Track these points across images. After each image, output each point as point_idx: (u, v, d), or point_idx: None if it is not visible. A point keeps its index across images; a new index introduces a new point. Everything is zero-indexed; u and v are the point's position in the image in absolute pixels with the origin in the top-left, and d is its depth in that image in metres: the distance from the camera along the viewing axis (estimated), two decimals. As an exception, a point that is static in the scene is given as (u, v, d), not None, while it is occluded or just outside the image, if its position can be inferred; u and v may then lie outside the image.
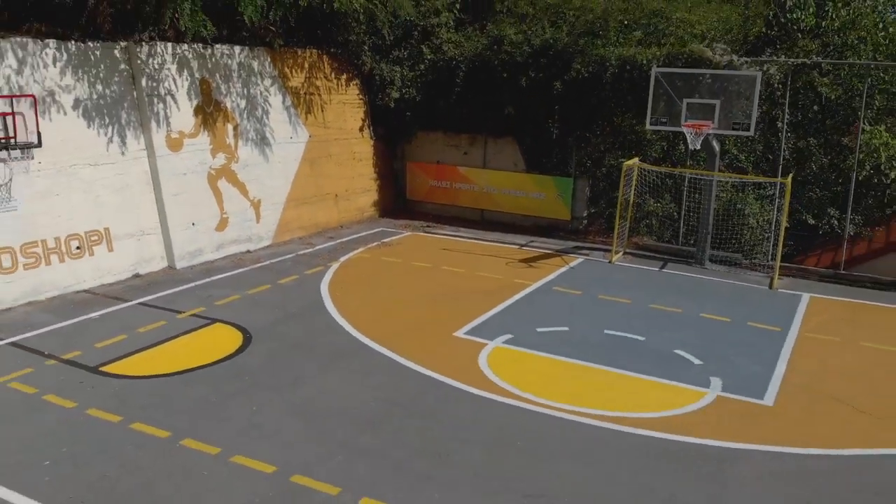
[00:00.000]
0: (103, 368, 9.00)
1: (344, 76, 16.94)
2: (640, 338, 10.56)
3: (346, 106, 17.12)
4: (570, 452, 7.37)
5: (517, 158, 17.37)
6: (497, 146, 17.54)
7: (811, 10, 15.90)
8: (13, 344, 9.69)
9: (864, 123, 15.04)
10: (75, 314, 10.80)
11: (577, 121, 16.20)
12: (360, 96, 17.49)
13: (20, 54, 11.09)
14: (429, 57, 17.11)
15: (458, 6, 17.45)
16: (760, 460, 7.36)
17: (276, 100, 15.24)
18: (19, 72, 11.07)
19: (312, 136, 16.20)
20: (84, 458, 7.02)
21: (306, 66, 15.89)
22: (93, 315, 10.79)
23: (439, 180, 18.32)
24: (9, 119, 10.77)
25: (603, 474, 7.00)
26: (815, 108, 15.69)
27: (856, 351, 10.43)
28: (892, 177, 14.91)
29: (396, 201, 18.74)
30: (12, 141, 10.81)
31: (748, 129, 12.88)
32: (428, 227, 17.25)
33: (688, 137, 13.03)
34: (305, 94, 15.94)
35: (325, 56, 16.33)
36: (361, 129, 17.66)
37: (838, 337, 10.91)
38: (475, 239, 16.18)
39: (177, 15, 11.78)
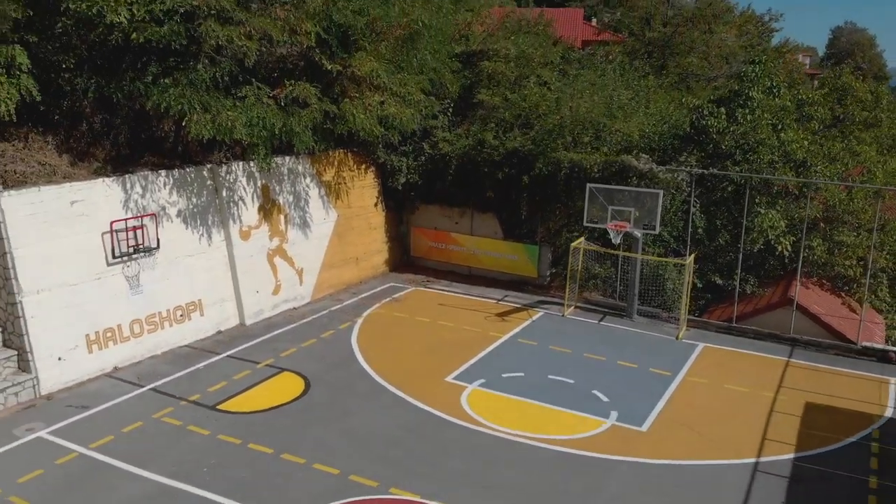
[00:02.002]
0: (219, 407, 14.02)
1: (363, 166, 21.95)
2: (571, 381, 15.59)
3: (364, 189, 22.15)
4: (511, 461, 12.40)
5: (496, 228, 22.41)
6: (481, 218, 22.57)
7: (722, 117, 20.94)
8: (153, 389, 14.71)
9: (759, 208, 20.07)
10: (186, 365, 15.82)
11: (540, 204, 21.23)
12: (375, 180, 22.51)
13: (143, 183, 16.10)
14: (428, 151, 22.11)
15: (450, 111, 22.46)
16: (627, 466, 12.38)
17: (313, 192, 20.27)
18: (143, 195, 16.07)
19: (340, 215, 21.23)
20: (224, 465, 12.04)
21: (336, 163, 20.90)
22: (199, 366, 15.81)
23: (436, 242, 23.36)
24: (138, 231, 15.79)
25: (528, 474, 12.02)
26: (723, 194, 20.71)
27: (716, 391, 15.46)
28: (779, 251, 19.98)
29: (403, 258, 23.77)
30: (140, 247, 15.82)
31: (654, 230, 17.93)
32: (428, 281, 22.28)
33: (611, 234, 18.09)
34: (335, 183, 20.95)
35: (349, 153, 21.33)
36: (376, 205, 22.68)
37: (708, 380, 15.95)
38: (464, 294, 21.20)
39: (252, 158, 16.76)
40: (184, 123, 14.84)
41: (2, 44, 13.35)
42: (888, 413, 14.77)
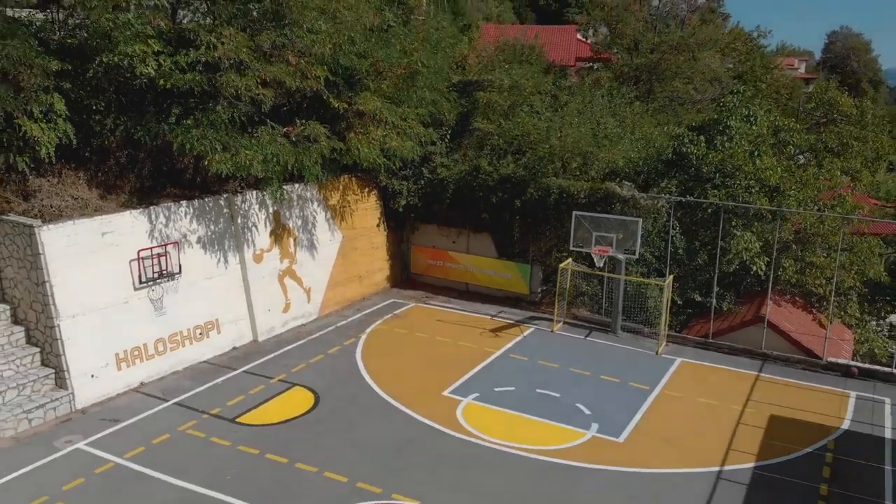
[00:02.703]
0: (238, 420, 15.52)
1: (366, 190, 23.44)
2: (557, 395, 17.10)
3: (367, 211, 23.65)
4: (500, 469, 13.90)
5: (491, 248, 23.90)
6: (476, 238, 24.07)
7: (702, 145, 22.43)
8: (177, 403, 16.21)
9: (735, 230, 21.55)
10: (206, 380, 17.32)
11: (531, 226, 22.72)
12: (378, 202, 24.01)
13: (167, 213, 17.59)
14: (427, 176, 23.60)
15: (448, 137, 23.96)
16: (603, 474, 13.88)
17: (320, 216, 21.76)
18: (166, 225, 17.56)
19: (345, 236, 22.72)
20: (246, 474, 13.54)
21: (341, 188, 22.38)
22: (218, 381, 17.32)
23: (435, 260, 24.85)
24: (162, 258, 17.29)
25: (514, 481, 13.52)
26: (703, 215, 22.16)
27: (690, 405, 16.96)
28: (754, 271, 21.45)
29: (403, 275, 25.26)
30: (164, 272, 17.32)
31: (634, 254, 19.43)
32: (427, 297, 23.77)
33: (594, 258, 19.60)
34: (340, 207, 22.44)
35: (353, 178, 22.81)
36: (378, 225, 24.18)
37: (683, 394, 17.46)
38: (461, 310, 22.69)
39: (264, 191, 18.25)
40: (206, 162, 16.30)
41: (42, 93, 14.80)
42: (845, 425, 16.26)
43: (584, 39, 38.95)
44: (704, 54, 30.29)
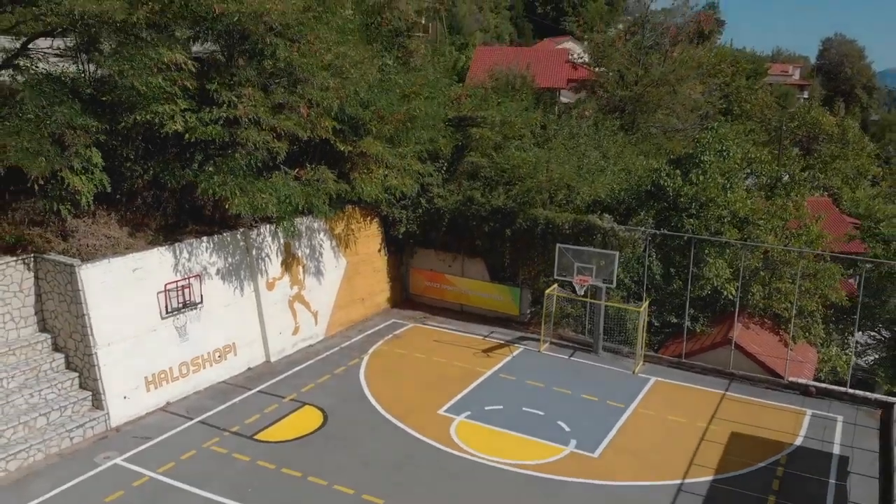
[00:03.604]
0: (256, 437, 17.44)
1: (368, 218, 25.35)
2: (541, 413, 19.01)
3: (369, 237, 25.57)
4: (488, 482, 15.81)
5: (484, 272, 25.82)
6: (471, 262, 25.99)
7: (678, 179, 24.31)
8: (201, 422, 18.13)
9: (708, 258, 23.45)
10: (225, 399, 19.23)
11: (520, 252, 24.64)
12: (379, 229, 25.92)
13: (189, 249, 19.50)
14: (425, 205, 25.50)
15: (444, 169, 25.87)
16: (578, 486, 15.80)
17: (326, 244, 23.67)
18: (189, 259, 19.47)
19: (349, 262, 24.64)
20: (264, 486, 15.46)
21: (345, 218, 24.27)
22: (235, 400, 19.23)
23: (432, 282, 26.77)
24: (186, 289, 19.20)
25: (497, 492, 15.44)
26: (680, 242, 24.04)
27: (659, 422, 18.87)
28: (725, 295, 23.35)
29: (402, 295, 27.18)
30: (188, 302, 19.23)
31: (612, 283, 21.36)
32: (425, 317, 25.70)
33: (575, 287, 21.53)
34: (344, 235, 24.34)
35: (356, 208, 24.71)
36: (379, 251, 26.10)
37: (654, 412, 19.37)
38: (456, 330, 24.61)
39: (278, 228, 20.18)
40: (227, 206, 18.20)
41: (83, 148, 16.69)
42: (798, 441, 18.19)
43: (574, 61, 40.79)
44: (685, 86, 32.23)
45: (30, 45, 17.65)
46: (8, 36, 16.43)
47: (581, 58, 41.16)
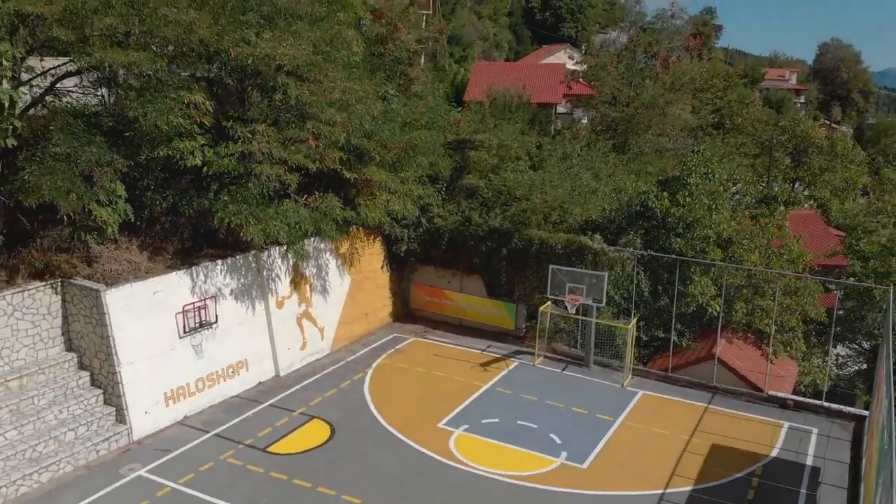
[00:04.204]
0: (268, 449, 18.74)
1: (371, 237, 26.65)
2: (534, 426, 20.31)
3: (373, 255, 26.87)
4: (484, 493, 17.12)
5: (481, 288, 27.13)
6: (469, 279, 27.30)
7: (665, 201, 25.59)
8: (216, 435, 19.43)
9: (693, 276, 24.74)
10: (238, 413, 20.53)
11: (516, 270, 25.95)
12: (382, 247, 27.22)
13: (205, 272, 20.79)
14: (425, 224, 26.80)
15: (443, 189, 27.18)
16: (567, 496, 17.11)
17: (332, 263, 24.98)
18: (205, 282, 20.77)
19: (353, 279, 25.94)
20: (278, 496, 16.75)
21: (350, 237, 25.55)
22: (248, 414, 20.54)
23: (432, 297, 28.09)
24: (202, 310, 20.49)
25: (488, 501, 16.74)
26: (667, 260, 25.35)
27: (645, 434, 20.18)
28: (710, 312, 24.62)
29: (403, 309, 28.49)
30: (204, 322, 20.53)
31: (602, 302, 22.68)
32: (425, 332, 27.01)
33: (567, 306, 22.85)
34: (349, 254, 25.65)
35: (360, 229, 25.99)
36: (382, 267, 27.40)
37: (641, 424, 20.68)
38: (455, 344, 25.91)
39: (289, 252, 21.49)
40: (241, 234, 19.51)
41: (109, 182, 17.97)
42: (774, 453, 19.49)
43: (570, 80, 41.97)
44: (674, 109, 33.54)
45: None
46: (39, 79, 17.67)
47: (578, 63, 42.34)
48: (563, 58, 63.85)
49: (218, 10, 17.42)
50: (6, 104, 15.47)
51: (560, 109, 46.27)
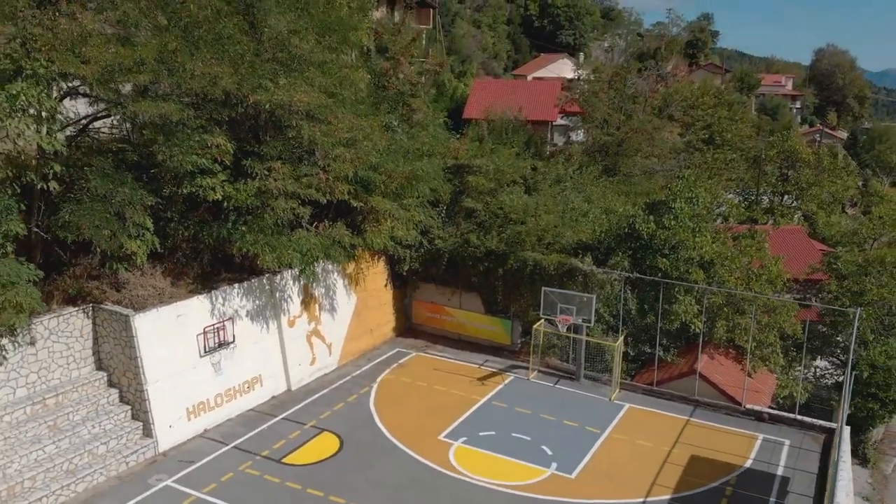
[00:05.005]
0: (283, 460, 20.44)
1: (376, 258, 28.34)
2: (528, 438, 22.01)
3: (377, 274, 28.56)
4: (479, 501, 18.82)
5: (479, 305, 28.84)
6: (468, 296, 29.01)
7: (651, 224, 27.25)
8: (235, 447, 21.12)
9: (678, 295, 26.41)
10: (254, 426, 22.22)
11: (512, 288, 27.65)
12: (386, 267, 28.92)
13: (224, 295, 22.48)
14: (426, 246, 28.49)
15: (443, 212, 28.88)
16: (550, 503, 18.85)
17: (339, 283, 26.67)
18: (223, 304, 22.46)
19: (359, 298, 27.64)
20: (294, 505, 18.49)
21: (356, 259, 27.20)
22: (263, 427, 22.23)
23: (433, 313, 29.79)
24: (220, 331, 22.19)
25: (492, 511, 18.49)
26: (655, 279, 27.02)
27: (630, 446, 21.88)
28: (693, 329, 26.31)
29: (406, 324, 30.20)
30: (222, 342, 22.22)
31: (590, 322, 24.38)
32: (426, 346, 28.71)
33: (559, 326, 24.55)
34: (355, 274, 27.34)
35: (366, 250, 27.68)
36: (385, 286, 29.10)
37: (626, 436, 22.37)
38: (454, 359, 27.61)
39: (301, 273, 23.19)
40: (258, 262, 21.21)
41: (139, 216, 19.64)
42: (748, 464, 21.19)
43: (563, 102, 43.55)
44: (662, 133, 35.23)
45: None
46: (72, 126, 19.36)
47: (577, 70, 43.79)
48: (561, 68, 65.49)
49: (237, 60, 19.06)
50: (49, 151, 17.10)
51: (558, 120, 47.90)
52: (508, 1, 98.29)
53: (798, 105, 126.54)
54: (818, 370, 31.21)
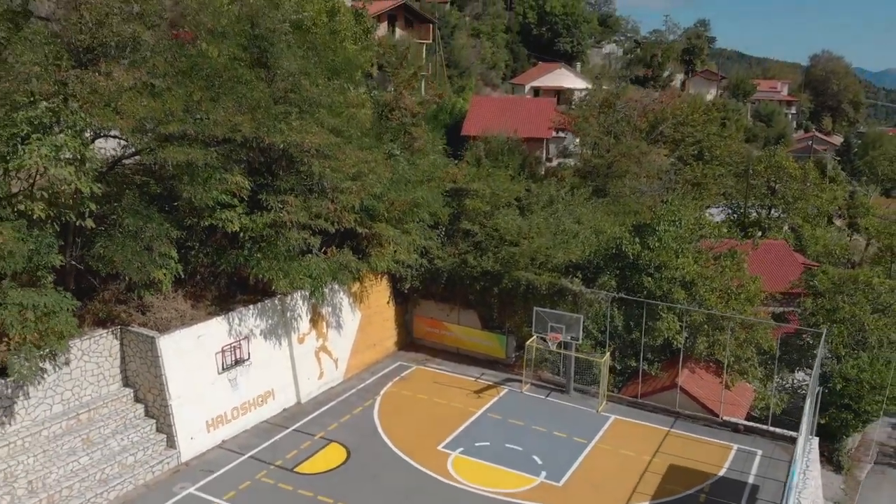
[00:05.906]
0: (296, 470, 22.31)
1: (379, 277, 30.18)
2: (520, 448, 23.88)
3: (380, 292, 30.44)
4: (477, 508, 20.75)
5: (476, 320, 30.73)
6: (465, 313, 30.89)
7: (637, 246, 29.13)
8: (251, 457, 23.00)
9: (661, 313, 28.29)
10: (267, 437, 24.10)
11: (506, 305, 29.53)
12: (388, 285, 30.78)
13: (240, 316, 24.33)
14: (426, 265, 30.36)
15: (442, 233, 30.76)
16: (544, 511, 20.71)
17: (345, 301, 28.54)
18: (239, 325, 24.31)
19: (363, 314, 29.52)
20: (307, 511, 20.37)
21: (361, 278, 29.10)
22: (276, 438, 24.11)
23: (433, 328, 31.68)
24: (237, 349, 24.06)
25: (486, 517, 20.38)
26: (639, 296, 28.87)
27: (614, 455, 23.75)
28: (675, 345, 28.21)
29: (407, 338, 32.09)
30: (239, 360, 24.10)
31: (578, 340, 26.26)
32: (426, 360, 30.60)
33: (549, 343, 26.43)
34: (360, 292, 29.19)
35: (369, 271, 29.56)
36: (388, 302, 30.98)
37: (611, 447, 24.24)
38: (452, 372, 29.49)
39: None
40: (273, 288, 23.09)
41: (165, 247, 21.51)
42: (721, 472, 23.06)
43: (557, 123, 45.34)
44: (650, 157, 37.11)
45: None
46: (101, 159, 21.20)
47: (579, 77, 45.45)
48: (558, 77, 67.24)
49: (255, 106, 20.93)
50: (85, 192, 18.93)
51: (561, 133, 49.71)
52: (507, 9, 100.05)
53: (793, 111, 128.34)
54: (796, 381, 33.12)
